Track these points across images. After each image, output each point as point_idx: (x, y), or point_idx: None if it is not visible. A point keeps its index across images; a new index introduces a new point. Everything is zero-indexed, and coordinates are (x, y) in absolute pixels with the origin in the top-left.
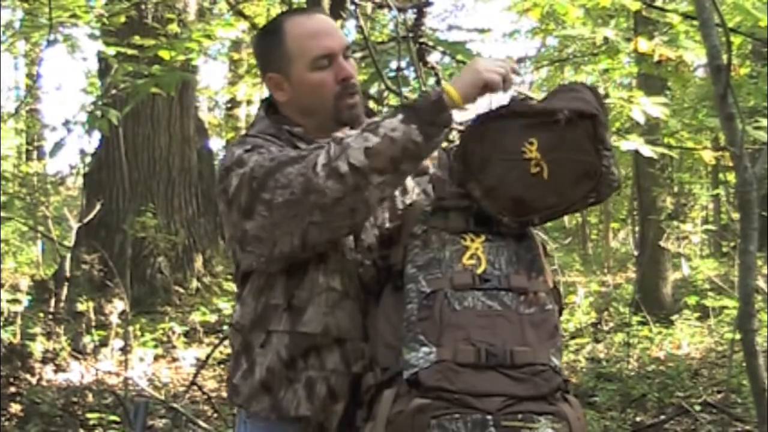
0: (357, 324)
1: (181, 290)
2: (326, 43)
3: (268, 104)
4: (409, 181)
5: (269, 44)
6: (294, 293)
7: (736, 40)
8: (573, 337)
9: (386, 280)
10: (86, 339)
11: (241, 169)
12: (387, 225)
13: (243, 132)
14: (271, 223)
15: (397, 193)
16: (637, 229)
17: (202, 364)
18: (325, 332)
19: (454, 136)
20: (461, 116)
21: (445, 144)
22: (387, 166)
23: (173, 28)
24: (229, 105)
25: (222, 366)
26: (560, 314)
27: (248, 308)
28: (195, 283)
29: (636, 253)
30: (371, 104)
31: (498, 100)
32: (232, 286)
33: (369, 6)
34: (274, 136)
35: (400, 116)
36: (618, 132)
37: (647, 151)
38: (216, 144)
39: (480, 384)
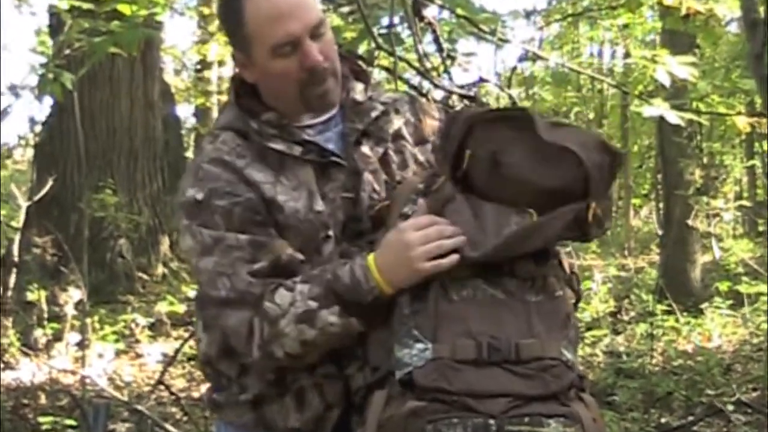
0: None
1: (146, 277)
2: (288, 28)
3: (240, 81)
4: (408, 151)
5: (230, 20)
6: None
7: None
8: (589, 329)
9: None
10: (38, 333)
11: (186, 234)
12: (379, 206)
13: (214, 98)
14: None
15: (394, 166)
16: (661, 205)
17: (169, 361)
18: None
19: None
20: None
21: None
22: (323, 349)
23: None
24: (198, 66)
25: (192, 363)
26: (578, 302)
27: (215, 336)
28: (161, 269)
29: (660, 232)
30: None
31: None
32: None
33: None
34: (241, 133)
35: (335, 310)
36: (640, 96)
37: (673, 117)
38: (184, 110)
39: (482, 383)
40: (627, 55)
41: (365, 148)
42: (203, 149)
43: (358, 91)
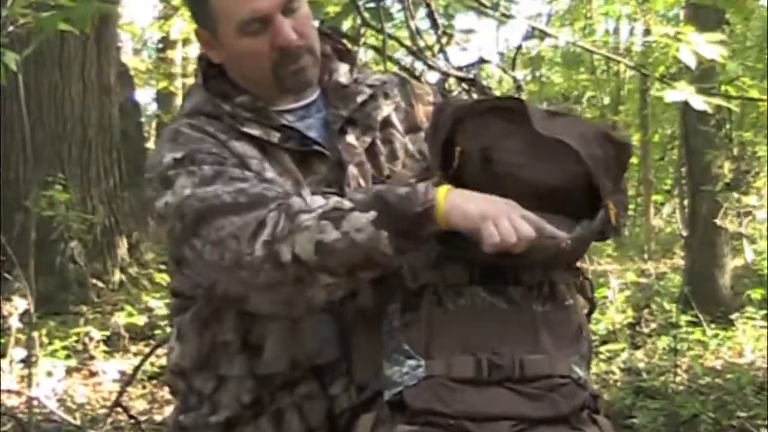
0: (333, 339)
1: (101, 284)
2: (256, 3)
3: (207, 62)
4: (398, 140)
5: None
6: (250, 328)
7: None
8: (604, 342)
9: None
10: None
11: (167, 192)
12: None
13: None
14: (204, 272)
15: (382, 158)
16: (686, 203)
17: (128, 380)
18: (295, 365)
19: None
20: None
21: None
22: (341, 269)
23: None
24: (160, 45)
25: (154, 382)
26: (592, 312)
27: (189, 346)
28: (118, 275)
29: (685, 233)
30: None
31: None
32: (165, 278)
33: None
34: (212, 117)
35: (371, 215)
36: (662, 79)
37: (699, 102)
38: (144, 96)
39: (482, 404)
40: (647, 32)
41: (350, 138)
42: (174, 124)
43: (342, 73)
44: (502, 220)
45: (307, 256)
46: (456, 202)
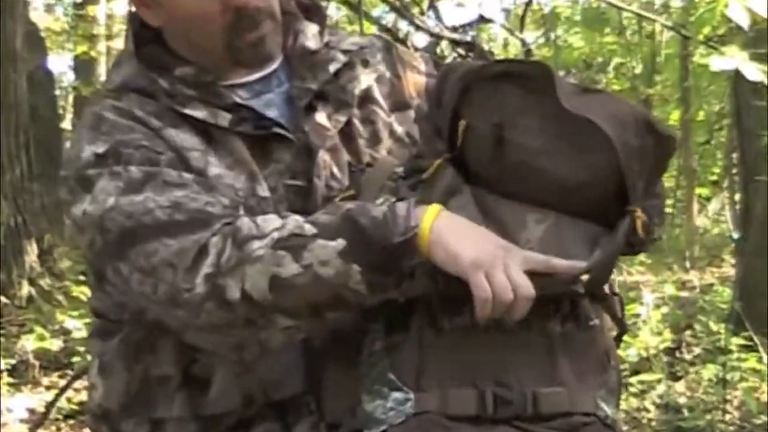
0: (298, 368)
1: (5, 300)
2: None
3: (141, 23)
4: (382, 120)
5: None
6: (193, 357)
7: None
8: (636, 372)
9: None
10: None
11: (85, 198)
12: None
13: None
14: (132, 298)
15: (361, 142)
16: (737, 197)
17: (39, 421)
18: (249, 401)
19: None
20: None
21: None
22: (302, 309)
23: None
24: (79, 1)
25: (71, 422)
26: (621, 335)
27: (116, 382)
28: (26, 289)
29: (736, 235)
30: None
31: None
32: (84, 292)
33: None
34: (145, 94)
35: (339, 244)
36: (707, 42)
37: (753, 71)
38: (59, 62)
39: None
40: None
41: (321, 116)
42: (96, 106)
43: (310, 35)
44: (497, 271)
45: (260, 294)
46: (444, 237)
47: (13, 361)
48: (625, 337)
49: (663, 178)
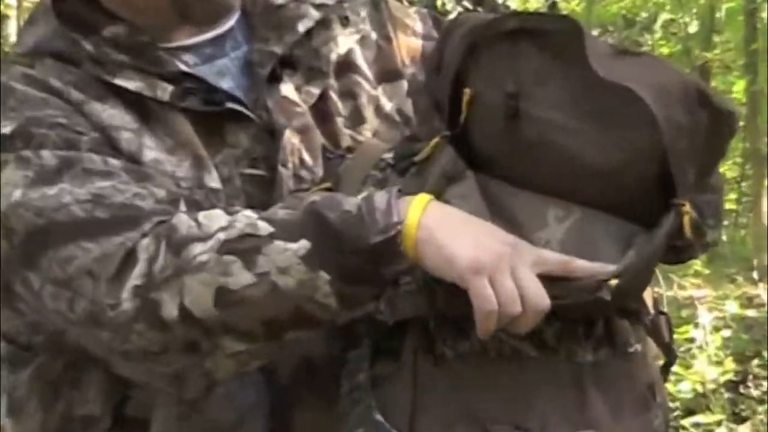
0: (261, 404)
1: None
2: None
3: None
4: (366, 92)
5: None
6: (127, 394)
7: None
8: (690, 412)
9: None
10: None
11: None
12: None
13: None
14: (46, 316)
15: (339, 120)
16: None
17: None
18: None
19: None
20: None
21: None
22: (257, 329)
23: None
24: None
25: None
26: (670, 365)
27: (30, 423)
28: None
29: None
30: None
31: None
32: None
33: None
34: (65, 60)
35: (302, 246)
36: None
37: None
38: None
39: None
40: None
41: (287, 88)
42: (3, 75)
43: None
44: (503, 274)
45: (204, 311)
46: (436, 234)
47: None
48: (676, 368)
49: (721, 166)
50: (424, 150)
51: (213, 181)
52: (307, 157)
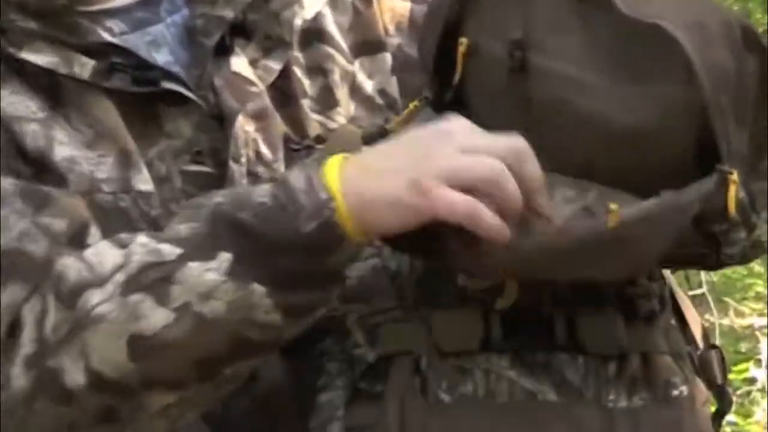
0: None
1: None
2: None
3: None
4: (339, 67)
5: None
6: None
7: None
8: None
9: None
10: None
11: None
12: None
13: None
14: None
15: (306, 103)
16: None
17: None
18: None
19: None
20: None
21: None
22: (189, 373)
23: None
24: None
25: None
26: (725, 413)
27: None
28: None
29: None
30: None
31: None
32: None
33: None
34: None
35: (223, 259)
36: None
37: None
38: None
39: None
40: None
41: (240, 63)
42: None
43: None
44: (454, 161)
45: (117, 370)
46: (365, 192)
47: None
48: (732, 416)
49: None
50: (395, 121)
51: (143, 182)
52: (264, 149)
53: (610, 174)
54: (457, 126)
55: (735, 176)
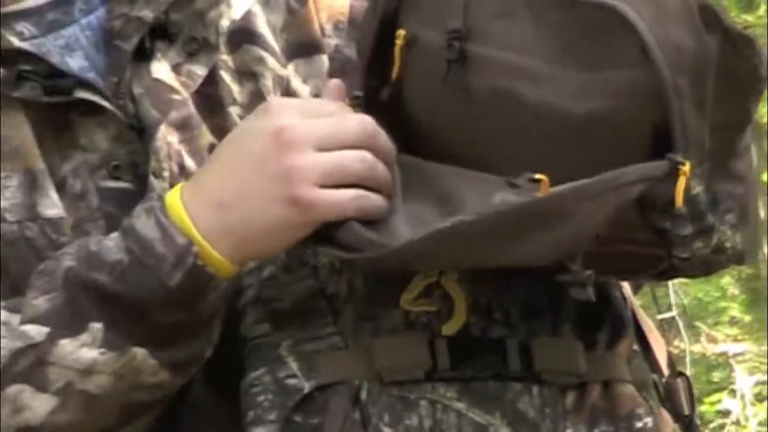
0: None
1: None
2: None
3: None
4: (272, 73)
5: None
6: None
7: None
8: None
9: None
10: None
11: None
12: None
13: None
14: None
15: (234, 110)
16: None
17: None
18: None
19: None
20: None
21: None
22: None
23: None
24: None
25: None
26: None
27: None
28: None
29: None
30: None
31: None
32: None
33: None
34: None
35: (95, 330)
36: None
37: None
38: None
39: None
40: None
41: (161, 68)
42: None
43: None
44: (309, 189)
45: None
46: (222, 221)
47: None
48: None
49: (752, 143)
50: None
51: (50, 207)
52: (189, 162)
53: (561, 168)
54: (283, 118)
55: (687, 167)
